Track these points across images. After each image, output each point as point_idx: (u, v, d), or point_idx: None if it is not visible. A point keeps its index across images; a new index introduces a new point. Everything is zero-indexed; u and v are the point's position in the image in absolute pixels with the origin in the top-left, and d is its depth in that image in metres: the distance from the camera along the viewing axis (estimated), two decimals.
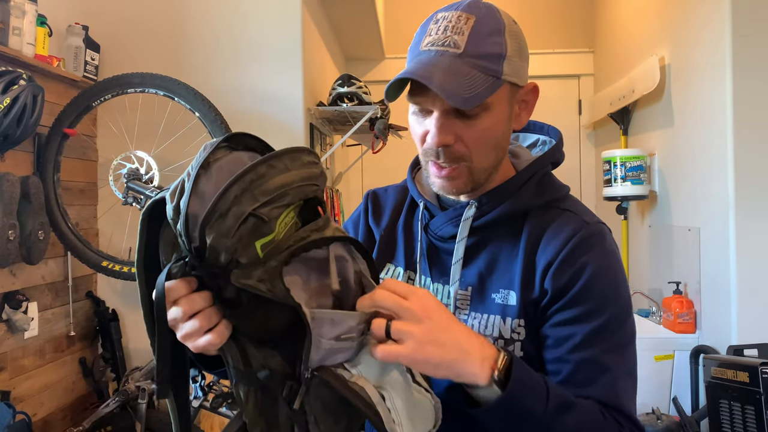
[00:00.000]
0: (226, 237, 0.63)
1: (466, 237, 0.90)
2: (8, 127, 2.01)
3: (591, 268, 0.84)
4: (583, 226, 0.88)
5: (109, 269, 2.39)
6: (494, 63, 0.83)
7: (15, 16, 2.11)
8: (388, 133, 3.13)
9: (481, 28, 0.83)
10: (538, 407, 0.74)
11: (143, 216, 0.69)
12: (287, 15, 2.71)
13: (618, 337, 0.85)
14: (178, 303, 0.67)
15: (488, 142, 0.86)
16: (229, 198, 0.63)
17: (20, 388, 2.24)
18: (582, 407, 0.79)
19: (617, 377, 0.84)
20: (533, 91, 0.92)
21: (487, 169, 0.89)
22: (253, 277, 0.65)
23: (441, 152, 0.85)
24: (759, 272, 2.33)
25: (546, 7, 4.44)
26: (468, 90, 0.80)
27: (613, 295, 0.86)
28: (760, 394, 2.02)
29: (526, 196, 0.91)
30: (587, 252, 0.85)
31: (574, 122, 4.45)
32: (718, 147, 2.44)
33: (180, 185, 0.66)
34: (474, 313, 0.89)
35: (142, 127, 2.60)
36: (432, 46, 0.83)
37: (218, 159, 0.67)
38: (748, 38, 2.36)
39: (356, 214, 1.07)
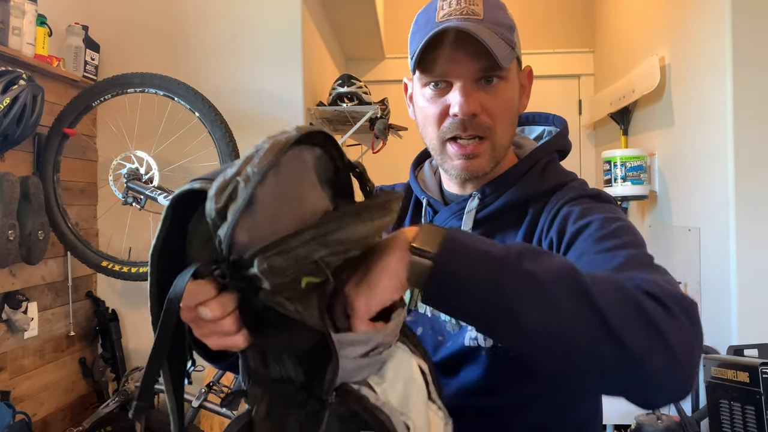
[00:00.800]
0: (277, 276, 0.56)
1: (470, 229, 0.88)
2: (8, 127, 2.00)
3: (575, 210, 0.80)
4: (579, 189, 0.86)
5: (109, 269, 2.39)
6: (509, 32, 0.84)
7: (15, 16, 2.11)
8: (388, 133, 3.13)
9: (491, 1, 0.85)
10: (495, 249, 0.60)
11: (171, 202, 0.61)
12: (287, 15, 2.71)
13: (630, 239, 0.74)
14: (208, 305, 0.59)
15: (509, 113, 0.86)
16: (304, 237, 0.55)
17: (20, 388, 2.24)
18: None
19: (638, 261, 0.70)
20: (530, 75, 0.93)
21: (505, 146, 0.87)
22: (283, 294, 0.58)
23: (468, 123, 0.83)
24: (759, 272, 2.33)
25: (546, 7, 4.44)
26: (501, 53, 0.80)
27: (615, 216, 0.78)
28: (760, 394, 2.02)
29: (530, 183, 0.88)
30: (575, 201, 0.82)
31: (574, 122, 4.44)
32: (718, 147, 2.44)
33: (229, 184, 0.55)
34: None
35: (142, 127, 2.60)
36: (451, 16, 0.82)
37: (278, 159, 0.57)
38: (748, 38, 2.36)
39: None
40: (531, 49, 4.39)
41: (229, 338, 0.61)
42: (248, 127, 2.65)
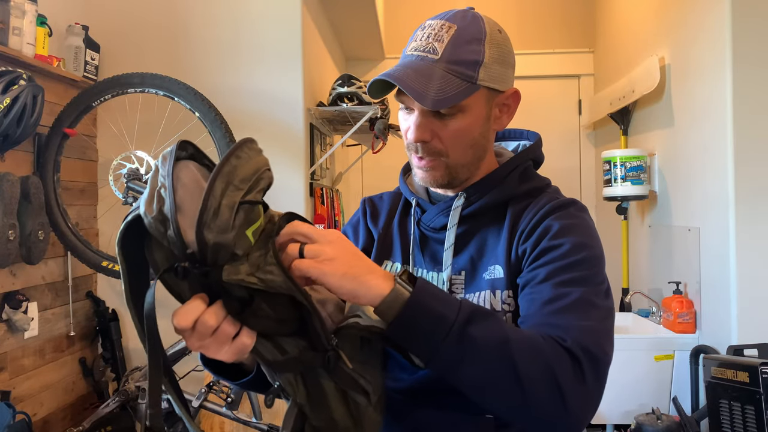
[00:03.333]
0: (227, 231, 0.64)
1: (456, 224, 0.97)
2: (8, 127, 2.01)
3: (555, 225, 0.90)
4: (555, 199, 0.96)
5: (109, 269, 2.39)
6: (470, 69, 0.90)
7: (15, 16, 2.12)
8: (388, 133, 3.13)
9: (461, 36, 0.91)
10: (448, 311, 0.76)
11: (118, 243, 0.69)
12: (287, 15, 2.71)
13: (582, 274, 0.86)
14: (204, 318, 0.67)
15: (464, 140, 0.94)
16: (217, 193, 0.64)
17: (20, 388, 2.25)
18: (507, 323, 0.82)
19: (574, 303, 0.82)
20: (514, 96, 0.98)
21: (464, 165, 0.96)
22: (241, 272, 0.66)
23: (419, 147, 0.94)
24: (759, 272, 2.33)
25: (546, 7, 4.44)
26: (439, 93, 0.87)
27: (578, 245, 0.88)
28: (760, 394, 2.02)
29: (510, 185, 0.98)
30: (552, 214, 0.92)
31: (574, 122, 4.45)
32: (718, 147, 2.44)
33: (154, 196, 0.66)
34: (468, 294, 0.94)
35: (142, 127, 2.60)
36: (414, 51, 0.92)
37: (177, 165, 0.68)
38: (748, 38, 2.36)
39: (355, 219, 1.13)
40: (531, 49, 4.40)
41: (235, 342, 0.70)
42: (248, 127, 2.65)
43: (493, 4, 4.47)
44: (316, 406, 0.76)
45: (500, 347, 0.75)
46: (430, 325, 0.75)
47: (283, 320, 0.72)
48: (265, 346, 0.73)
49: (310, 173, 2.81)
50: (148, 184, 0.68)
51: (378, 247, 1.06)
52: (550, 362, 0.75)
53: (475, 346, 0.75)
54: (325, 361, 0.74)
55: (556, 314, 0.81)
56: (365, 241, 1.08)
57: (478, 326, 0.76)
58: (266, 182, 0.70)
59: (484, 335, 0.75)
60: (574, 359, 0.77)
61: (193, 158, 0.72)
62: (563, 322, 0.80)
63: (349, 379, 0.76)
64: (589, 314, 0.82)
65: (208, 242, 0.64)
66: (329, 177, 3.56)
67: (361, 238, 1.09)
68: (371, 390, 0.77)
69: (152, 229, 0.65)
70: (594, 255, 0.89)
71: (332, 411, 0.76)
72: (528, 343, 0.77)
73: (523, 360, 0.75)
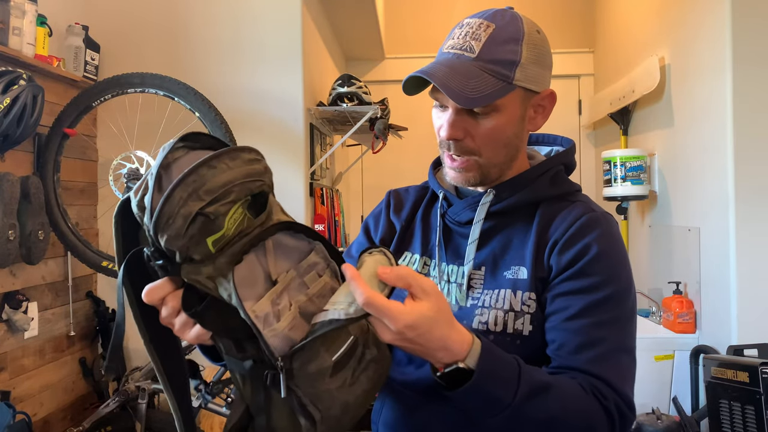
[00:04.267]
0: (178, 238, 0.66)
1: (482, 220, 0.96)
2: (8, 127, 2.01)
3: (594, 247, 0.90)
4: (589, 211, 0.94)
5: (109, 269, 2.39)
6: (506, 69, 0.90)
7: (15, 16, 2.12)
8: (388, 133, 3.13)
9: (499, 35, 0.91)
10: (506, 393, 0.78)
11: (115, 218, 0.73)
12: (287, 15, 2.71)
13: (614, 313, 0.88)
14: (166, 301, 0.72)
15: (497, 140, 0.93)
16: (175, 201, 0.66)
17: (20, 388, 2.25)
18: (559, 387, 0.82)
19: (609, 350, 0.87)
20: (550, 97, 0.99)
21: (496, 164, 0.95)
22: (202, 274, 0.69)
23: (452, 145, 0.93)
24: (759, 272, 2.33)
25: (546, 7, 4.44)
26: (474, 91, 0.87)
27: (613, 274, 0.90)
28: (760, 394, 2.02)
29: (540, 187, 0.98)
30: (591, 233, 0.91)
31: (574, 122, 4.45)
32: (718, 147, 2.44)
33: (143, 183, 0.69)
34: (487, 290, 0.94)
35: (142, 127, 2.60)
36: (451, 49, 0.92)
37: (178, 158, 0.70)
38: (748, 38, 2.36)
39: (378, 210, 1.13)
40: None
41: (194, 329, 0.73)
42: (248, 127, 2.65)
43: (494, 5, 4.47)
44: (258, 410, 0.76)
45: (550, 421, 0.81)
46: (487, 407, 0.79)
47: (232, 328, 0.72)
48: (224, 340, 0.74)
49: (310, 173, 2.81)
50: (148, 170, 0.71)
51: (399, 238, 1.07)
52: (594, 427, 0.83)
53: (527, 421, 0.80)
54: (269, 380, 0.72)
55: (598, 363, 0.86)
56: (384, 232, 1.09)
57: (533, 404, 0.79)
58: (238, 194, 0.69)
59: (537, 413, 0.80)
60: (611, 419, 0.84)
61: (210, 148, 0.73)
62: (605, 373, 0.85)
63: (296, 401, 0.73)
64: (623, 364, 0.88)
65: (161, 244, 0.67)
66: (329, 177, 3.56)
67: (381, 229, 1.09)
68: (319, 419, 0.74)
69: (135, 213, 0.70)
70: (625, 286, 0.91)
71: (273, 420, 0.75)
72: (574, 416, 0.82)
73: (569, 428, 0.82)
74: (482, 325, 0.91)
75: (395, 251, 1.05)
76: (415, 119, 3.56)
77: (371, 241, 1.10)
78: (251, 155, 0.72)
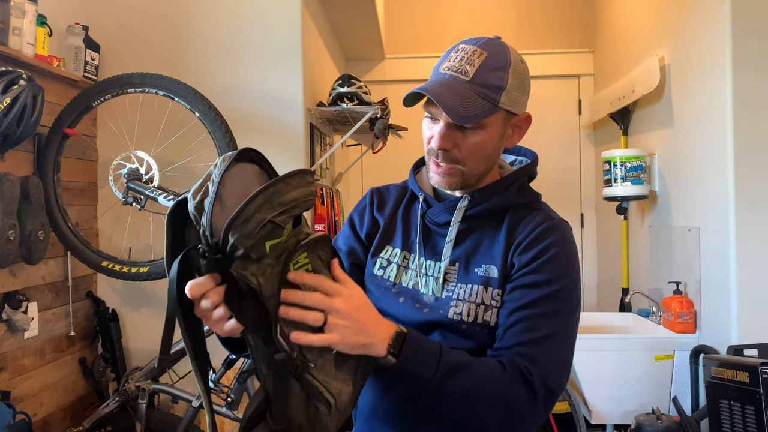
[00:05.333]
0: (248, 238, 0.76)
1: (459, 222, 1.11)
2: (8, 127, 2.01)
3: (551, 250, 1.05)
4: (549, 219, 1.10)
5: (109, 269, 2.39)
6: (494, 93, 1.03)
7: (15, 16, 2.12)
8: (388, 133, 3.13)
9: (490, 63, 1.04)
10: (427, 372, 0.94)
11: (168, 217, 0.83)
12: (287, 15, 2.71)
13: (559, 306, 1.02)
14: (208, 296, 0.80)
15: (480, 153, 1.07)
16: (254, 206, 0.77)
17: (20, 388, 2.25)
18: (477, 364, 0.98)
19: (547, 336, 1.00)
20: (527, 120, 1.13)
21: (477, 174, 1.10)
22: (249, 270, 0.79)
23: (440, 154, 1.07)
24: (759, 272, 2.33)
25: (546, 7, 4.44)
26: (467, 110, 1.01)
27: (564, 273, 1.05)
28: (760, 394, 2.03)
29: (509, 196, 1.13)
30: (549, 237, 1.06)
31: (574, 122, 4.45)
32: (718, 147, 2.44)
33: (202, 187, 0.79)
34: (460, 284, 1.08)
35: (142, 127, 2.60)
36: (448, 71, 1.05)
37: (229, 168, 0.81)
38: (748, 38, 2.36)
39: (362, 206, 1.26)
40: (531, 49, 4.39)
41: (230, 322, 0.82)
42: (248, 127, 2.65)
43: (494, 5, 4.47)
44: (277, 398, 0.87)
45: (468, 395, 0.95)
46: (410, 384, 0.95)
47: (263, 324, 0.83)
48: (254, 336, 0.84)
49: None
50: (205, 174, 0.81)
51: (382, 234, 1.20)
52: (510, 399, 0.96)
53: (448, 396, 0.95)
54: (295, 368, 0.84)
55: (531, 346, 0.99)
56: (369, 227, 1.22)
57: (452, 380, 0.95)
58: (301, 210, 0.82)
59: (456, 387, 0.95)
60: (532, 392, 0.96)
61: (256, 163, 0.85)
62: (535, 355, 0.98)
63: (313, 388, 0.85)
64: (557, 348, 1.01)
65: (228, 241, 0.76)
66: (329, 177, 3.56)
67: (366, 224, 1.22)
68: (334, 403, 0.87)
69: (191, 213, 0.79)
70: (572, 283, 1.06)
71: (291, 408, 0.88)
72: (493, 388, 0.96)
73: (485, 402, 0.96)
74: (457, 315, 1.06)
75: (379, 244, 1.19)
76: (415, 119, 3.54)
77: (357, 234, 1.23)
78: (311, 178, 0.85)
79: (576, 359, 2.94)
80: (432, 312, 1.08)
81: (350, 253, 1.21)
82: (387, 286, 1.14)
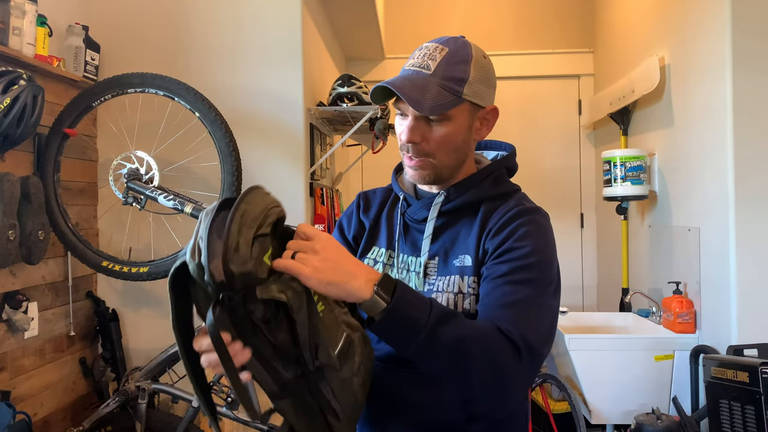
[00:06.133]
0: (247, 262, 0.79)
1: (435, 218, 1.14)
2: (8, 127, 2.01)
3: (522, 228, 1.06)
4: (521, 204, 1.12)
5: (109, 269, 2.39)
6: (457, 84, 1.07)
7: (15, 16, 2.12)
8: (388, 133, 3.13)
9: (452, 57, 1.08)
10: (420, 316, 0.92)
11: (170, 284, 0.86)
12: (287, 15, 2.71)
13: (535, 275, 1.02)
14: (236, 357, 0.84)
15: (449, 145, 1.10)
16: (234, 234, 0.79)
17: (20, 388, 2.25)
18: (469, 321, 0.97)
19: (523, 303, 0.99)
20: (493, 112, 1.16)
21: (448, 166, 1.12)
22: (273, 290, 0.83)
23: (410, 148, 1.10)
24: (759, 272, 2.33)
25: (546, 7, 4.44)
26: (431, 101, 1.04)
27: (537, 247, 1.05)
28: (760, 394, 2.03)
29: (484, 189, 1.15)
30: (520, 218, 1.08)
31: (574, 122, 4.45)
32: (718, 147, 2.45)
33: (195, 247, 0.82)
34: (440, 276, 1.11)
35: (142, 127, 2.60)
36: (412, 67, 1.09)
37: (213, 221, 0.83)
38: (748, 38, 2.36)
39: (350, 211, 1.31)
40: (531, 50, 4.40)
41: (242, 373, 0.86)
42: (248, 127, 2.65)
43: (494, 5, 4.47)
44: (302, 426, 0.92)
45: (458, 344, 0.92)
46: (405, 328, 0.92)
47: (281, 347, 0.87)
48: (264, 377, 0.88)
49: (310, 173, 2.81)
50: (193, 234, 0.84)
51: (368, 234, 1.24)
52: (496, 353, 0.93)
53: (439, 344, 0.92)
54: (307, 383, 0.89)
55: (509, 308, 0.99)
56: (356, 230, 1.26)
57: (443, 327, 0.92)
58: (274, 217, 0.86)
59: (447, 336, 0.92)
60: (516, 350, 0.94)
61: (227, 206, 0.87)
62: (513, 317, 0.97)
63: (326, 402, 0.91)
64: (534, 312, 1.00)
65: (235, 273, 0.78)
66: (329, 177, 3.56)
67: (353, 228, 1.26)
68: (339, 410, 0.93)
69: (194, 274, 0.81)
70: (547, 258, 1.06)
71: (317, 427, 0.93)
72: (480, 340, 0.94)
73: (474, 353, 0.93)
74: None
75: (365, 246, 1.22)
76: None
77: (345, 238, 1.26)
78: (263, 190, 0.88)
79: (576, 359, 2.93)
80: None
81: None
82: None
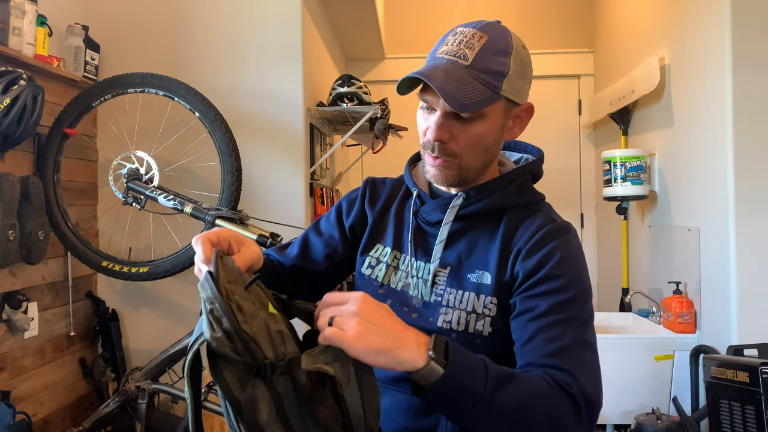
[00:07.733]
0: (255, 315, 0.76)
1: (451, 222, 1.02)
2: (8, 127, 2.01)
3: (557, 253, 0.95)
4: (551, 221, 1.00)
5: (109, 269, 2.39)
6: (495, 79, 0.95)
7: (15, 16, 2.12)
8: (388, 133, 3.13)
9: (491, 47, 0.95)
10: (477, 384, 0.80)
11: (187, 373, 0.78)
12: (287, 15, 2.71)
13: (576, 312, 0.93)
14: None
15: (479, 145, 0.98)
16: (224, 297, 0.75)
17: (20, 388, 2.25)
18: (525, 379, 0.85)
19: (572, 345, 0.90)
20: (528, 110, 1.04)
21: (475, 168, 1.01)
22: (320, 361, 0.74)
23: (436, 146, 0.98)
24: (759, 272, 2.33)
25: (546, 7, 4.44)
26: (466, 97, 0.91)
27: (576, 277, 0.95)
28: (760, 394, 2.03)
29: (508, 195, 1.03)
30: (553, 240, 0.97)
31: (574, 122, 4.45)
32: (718, 147, 2.44)
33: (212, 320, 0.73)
34: (450, 288, 1.00)
35: (142, 127, 2.60)
36: (446, 55, 0.96)
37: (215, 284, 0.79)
38: (747, 38, 2.36)
39: (354, 196, 1.18)
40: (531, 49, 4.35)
41: None
42: (248, 127, 2.65)
43: (494, 5, 4.47)
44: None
45: (519, 409, 0.82)
46: (461, 399, 0.79)
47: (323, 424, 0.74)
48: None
49: (310, 173, 2.81)
50: (201, 316, 0.76)
51: (372, 229, 1.12)
52: (557, 413, 0.84)
53: (498, 411, 0.81)
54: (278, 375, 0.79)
55: (559, 357, 0.88)
56: (356, 219, 1.15)
57: (502, 394, 0.81)
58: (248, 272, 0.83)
59: (506, 401, 0.81)
60: (577, 407, 0.85)
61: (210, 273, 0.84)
62: (567, 366, 0.87)
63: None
64: (585, 357, 0.91)
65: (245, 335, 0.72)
66: (329, 177, 3.56)
67: (353, 216, 1.15)
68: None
69: (222, 349, 0.72)
70: (585, 290, 0.96)
71: None
72: (540, 400, 0.84)
73: (535, 417, 0.83)
74: (446, 324, 0.98)
75: (367, 242, 1.11)
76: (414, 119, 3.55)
77: (341, 223, 1.16)
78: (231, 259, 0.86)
79: None
80: (420, 318, 1.00)
81: (328, 240, 1.15)
82: (374, 287, 1.06)
